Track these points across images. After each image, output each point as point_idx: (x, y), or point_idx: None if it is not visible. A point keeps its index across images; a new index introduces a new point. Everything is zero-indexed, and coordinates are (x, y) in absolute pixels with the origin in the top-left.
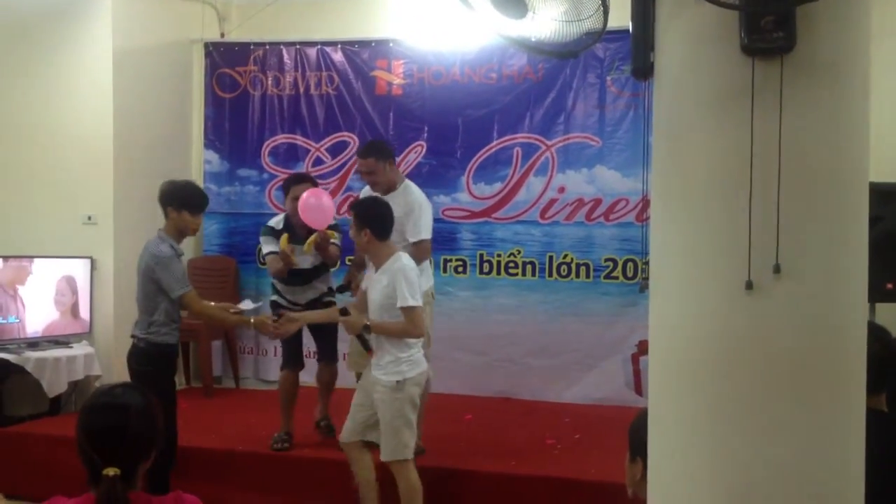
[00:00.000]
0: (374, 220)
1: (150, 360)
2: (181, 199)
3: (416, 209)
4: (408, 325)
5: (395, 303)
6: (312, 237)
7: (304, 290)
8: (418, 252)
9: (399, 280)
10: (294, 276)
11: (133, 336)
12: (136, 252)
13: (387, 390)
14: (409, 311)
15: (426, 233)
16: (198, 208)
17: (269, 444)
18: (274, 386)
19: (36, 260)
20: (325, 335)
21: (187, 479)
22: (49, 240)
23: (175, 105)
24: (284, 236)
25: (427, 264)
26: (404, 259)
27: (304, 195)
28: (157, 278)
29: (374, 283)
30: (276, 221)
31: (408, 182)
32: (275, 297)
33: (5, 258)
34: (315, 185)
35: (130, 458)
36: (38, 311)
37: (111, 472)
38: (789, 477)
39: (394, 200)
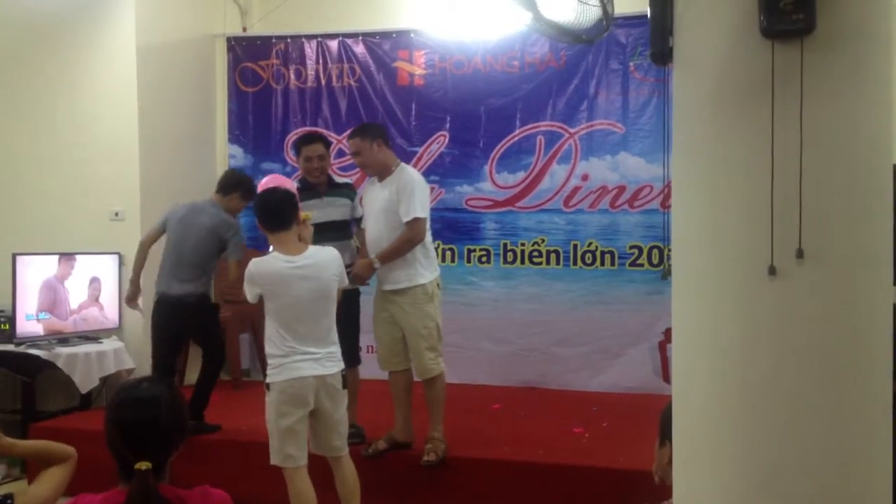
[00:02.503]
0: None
1: (213, 309)
2: (246, 189)
3: (408, 187)
4: (411, 235)
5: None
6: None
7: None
8: (412, 232)
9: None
10: (327, 231)
11: (189, 293)
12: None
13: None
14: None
15: (421, 211)
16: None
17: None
18: None
19: (78, 257)
20: (343, 338)
21: (213, 472)
22: (78, 236)
23: (199, 100)
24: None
25: (433, 252)
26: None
27: (264, 181)
28: (226, 239)
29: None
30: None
31: (403, 165)
32: None
33: (60, 255)
34: (326, 143)
35: (161, 451)
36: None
37: (143, 466)
38: (815, 463)
39: (388, 184)
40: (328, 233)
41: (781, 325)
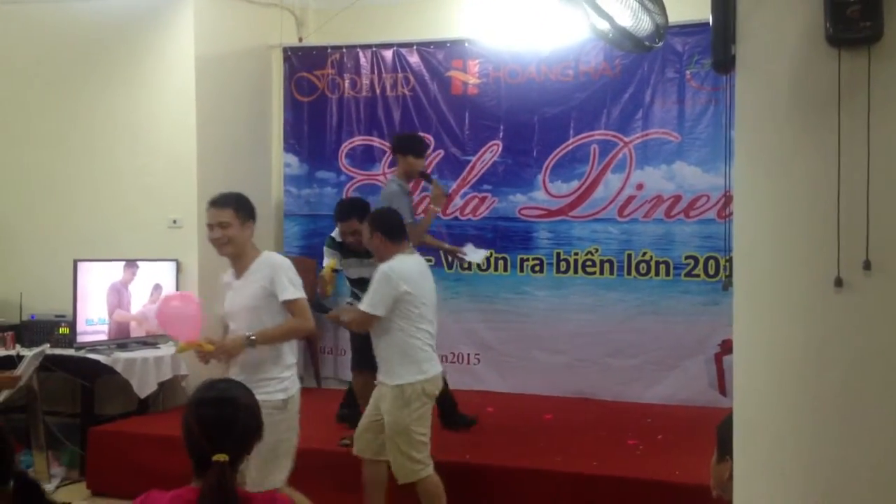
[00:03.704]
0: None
1: None
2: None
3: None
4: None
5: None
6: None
7: None
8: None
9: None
10: (358, 284)
11: None
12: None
13: None
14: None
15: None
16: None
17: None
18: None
19: (140, 263)
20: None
21: None
22: (137, 244)
23: (255, 109)
24: (330, 262)
25: (423, 353)
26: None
27: (162, 301)
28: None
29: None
30: (338, 233)
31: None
32: (350, 300)
33: (126, 262)
34: (361, 216)
35: (236, 450)
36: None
37: (221, 458)
38: (883, 477)
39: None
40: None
41: (848, 338)
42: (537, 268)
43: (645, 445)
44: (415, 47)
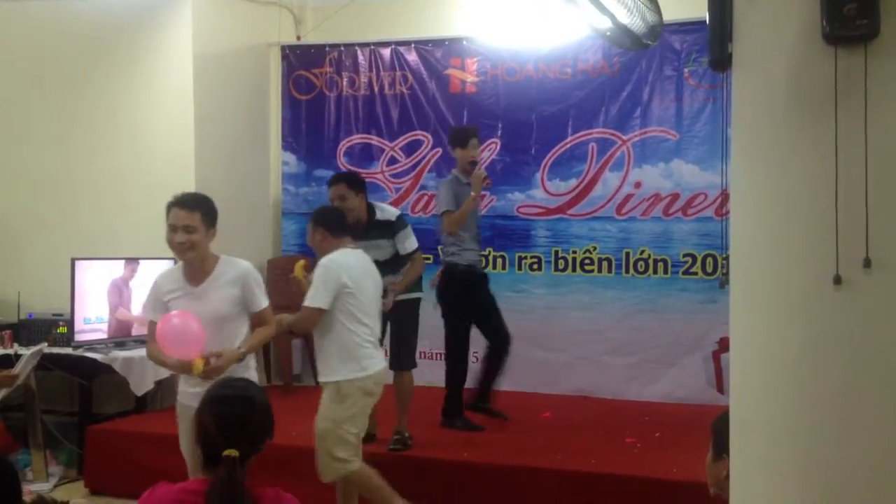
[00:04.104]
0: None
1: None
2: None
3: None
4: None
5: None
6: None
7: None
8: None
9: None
10: None
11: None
12: (218, 252)
13: None
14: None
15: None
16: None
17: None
18: None
19: (141, 261)
20: (401, 342)
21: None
22: (135, 242)
23: (253, 108)
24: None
25: (362, 350)
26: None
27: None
28: None
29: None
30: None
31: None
32: None
33: (126, 260)
34: (350, 183)
35: (247, 447)
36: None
37: (232, 453)
38: (881, 475)
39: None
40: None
41: (847, 335)
42: (535, 266)
43: (643, 443)
44: (413, 45)
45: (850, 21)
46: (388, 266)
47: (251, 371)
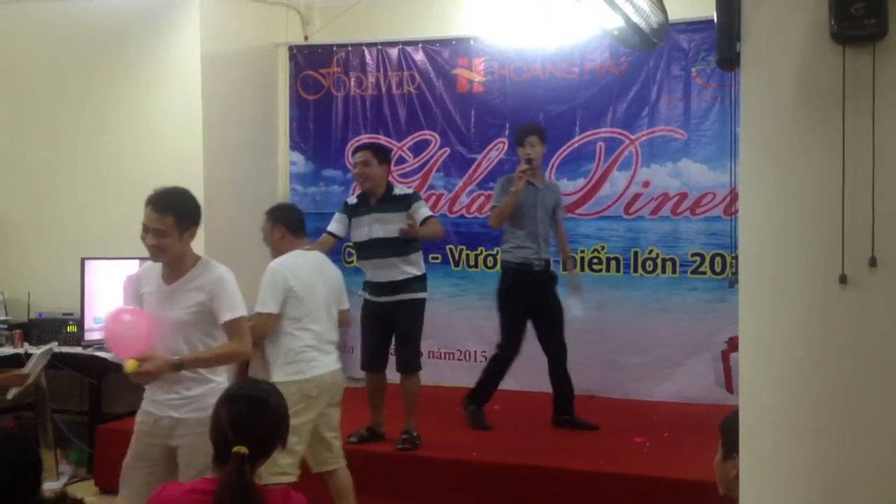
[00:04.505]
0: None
1: None
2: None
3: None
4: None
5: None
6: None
7: (382, 268)
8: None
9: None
10: (365, 249)
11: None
12: (227, 253)
13: None
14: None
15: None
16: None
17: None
18: (360, 383)
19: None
20: (404, 342)
21: None
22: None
23: (261, 108)
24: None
25: (298, 355)
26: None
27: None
28: None
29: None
30: (353, 198)
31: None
32: (362, 293)
33: (141, 259)
34: (375, 151)
35: (257, 447)
36: None
37: (241, 450)
38: (888, 475)
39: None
40: (376, 249)
41: (853, 334)
42: None
43: (652, 443)
44: (420, 45)
45: (858, 20)
46: (387, 246)
47: (211, 383)
